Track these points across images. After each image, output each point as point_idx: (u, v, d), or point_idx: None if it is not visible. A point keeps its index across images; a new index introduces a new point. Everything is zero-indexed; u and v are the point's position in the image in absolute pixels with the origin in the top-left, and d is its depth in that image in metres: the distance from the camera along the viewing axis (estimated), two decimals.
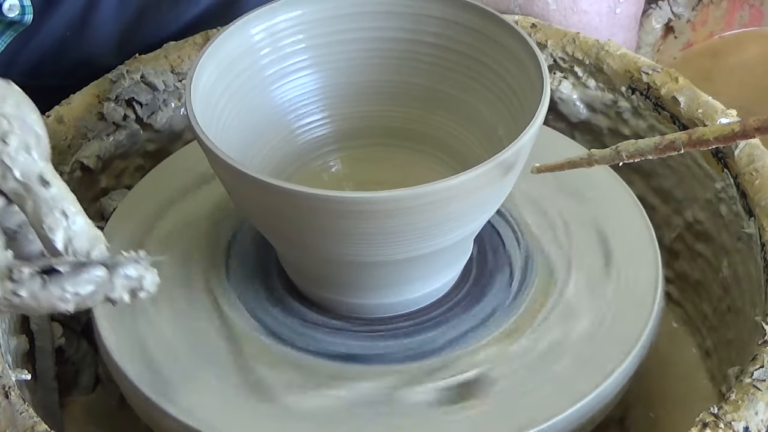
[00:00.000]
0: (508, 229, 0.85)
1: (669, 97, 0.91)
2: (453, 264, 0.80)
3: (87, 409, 0.92)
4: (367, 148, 0.87)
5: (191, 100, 0.74)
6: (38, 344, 0.87)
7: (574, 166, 0.69)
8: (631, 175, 0.95)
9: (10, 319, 0.83)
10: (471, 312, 0.79)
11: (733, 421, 0.66)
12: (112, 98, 0.95)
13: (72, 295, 0.63)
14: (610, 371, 0.73)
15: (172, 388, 0.74)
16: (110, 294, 0.64)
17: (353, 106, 0.86)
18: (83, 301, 0.63)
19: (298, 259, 0.78)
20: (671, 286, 0.97)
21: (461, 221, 0.71)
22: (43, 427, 0.68)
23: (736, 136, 0.59)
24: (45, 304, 0.63)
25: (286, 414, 0.72)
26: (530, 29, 0.98)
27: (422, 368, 0.75)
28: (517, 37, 0.78)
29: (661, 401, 0.90)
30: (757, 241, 0.81)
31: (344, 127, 0.87)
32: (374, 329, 0.78)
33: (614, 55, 0.95)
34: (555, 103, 0.99)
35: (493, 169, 0.68)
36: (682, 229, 0.95)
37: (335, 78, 0.86)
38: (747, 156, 0.85)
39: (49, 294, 0.63)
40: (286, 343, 0.77)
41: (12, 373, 0.73)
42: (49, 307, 0.63)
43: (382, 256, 0.71)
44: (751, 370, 0.69)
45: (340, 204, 0.67)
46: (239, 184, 0.71)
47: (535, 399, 0.72)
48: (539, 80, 0.74)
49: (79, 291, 0.63)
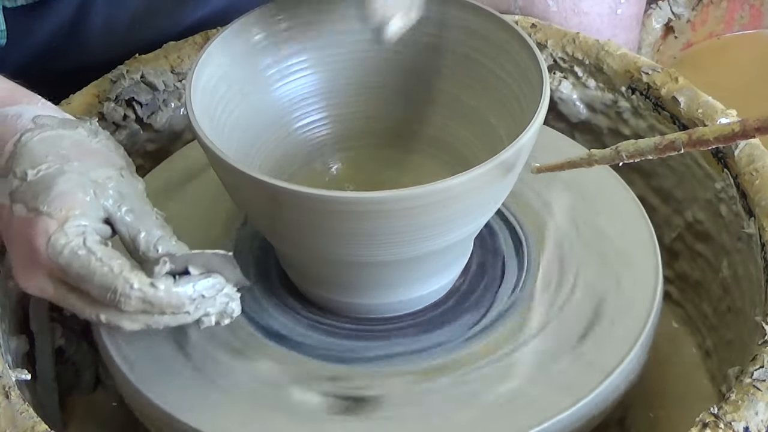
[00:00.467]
0: (509, 229, 0.85)
1: (669, 97, 0.91)
2: (453, 264, 0.80)
3: (87, 409, 0.92)
4: (367, 148, 0.87)
5: (191, 100, 0.74)
6: (38, 344, 0.87)
7: (574, 166, 0.69)
8: (631, 175, 0.95)
9: (10, 319, 0.83)
10: (471, 311, 0.79)
11: (733, 422, 0.66)
12: (112, 98, 0.95)
13: (198, 297, 0.68)
14: (610, 371, 0.73)
15: (172, 388, 0.74)
16: (209, 309, 0.69)
17: (353, 107, 0.86)
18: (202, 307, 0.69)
19: (298, 259, 0.78)
20: (671, 286, 0.97)
21: (461, 221, 0.71)
22: (43, 427, 0.68)
23: (736, 136, 0.59)
24: (175, 301, 0.67)
25: (287, 414, 0.72)
26: (530, 29, 0.98)
27: (422, 368, 0.75)
28: (517, 37, 0.78)
29: (661, 401, 0.90)
30: (757, 241, 0.81)
31: (344, 127, 0.87)
32: (374, 329, 0.78)
33: (614, 55, 0.95)
34: (555, 103, 0.99)
35: (493, 169, 0.68)
36: (682, 229, 0.95)
37: (335, 78, 0.86)
38: (747, 156, 0.85)
39: (181, 293, 0.68)
40: (286, 344, 0.77)
41: (12, 373, 0.72)
42: (177, 304, 0.68)
43: (382, 256, 0.71)
44: (751, 370, 0.69)
45: (340, 204, 0.67)
46: (239, 184, 0.71)
47: (535, 399, 0.72)
48: (539, 80, 0.74)
49: (204, 294, 0.68)
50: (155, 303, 0.67)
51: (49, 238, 0.68)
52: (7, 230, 0.72)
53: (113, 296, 0.67)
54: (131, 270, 0.67)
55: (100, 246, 0.68)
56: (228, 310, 0.70)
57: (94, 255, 0.67)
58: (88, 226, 0.69)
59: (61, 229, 0.68)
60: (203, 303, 0.69)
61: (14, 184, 0.71)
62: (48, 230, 0.68)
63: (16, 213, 0.70)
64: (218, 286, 0.69)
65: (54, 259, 0.68)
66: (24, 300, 0.86)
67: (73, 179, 0.70)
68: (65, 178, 0.70)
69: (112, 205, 0.70)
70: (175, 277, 0.68)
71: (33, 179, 0.70)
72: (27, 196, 0.70)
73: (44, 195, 0.69)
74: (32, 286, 0.71)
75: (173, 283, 0.67)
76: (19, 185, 0.70)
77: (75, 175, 0.70)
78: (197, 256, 0.68)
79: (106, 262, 0.67)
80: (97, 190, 0.70)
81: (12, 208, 0.70)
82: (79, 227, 0.68)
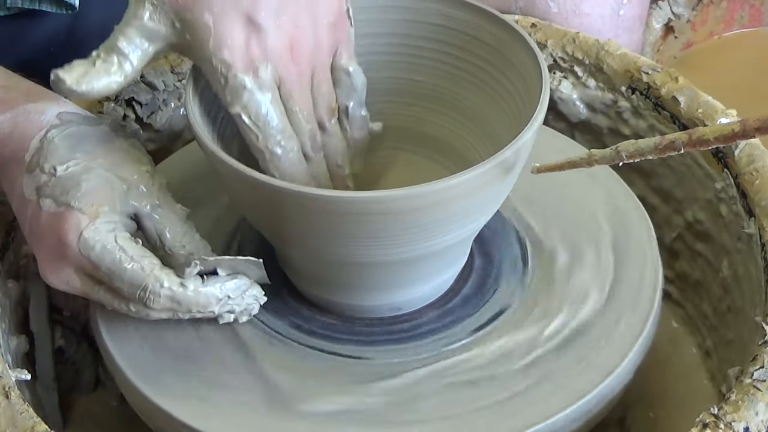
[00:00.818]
0: (508, 229, 0.85)
1: (669, 97, 0.91)
2: (453, 264, 0.80)
3: (87, 409, 0.92)
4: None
5: (191, 99, 0.74)
6: (38, 344, 0.87)
7: (574, 166, 0.69)
8: (631, 175, 0.95)
9: (10, 319, 0.83)
10: (469, 312, 0.79)
11: (733, 422, 0.66)
12: (112, 98, 0.95)
13: (224, 297, 0.71)
14: (610, 371, 0.73)
15: (172, 388, 0.74)
16: (235, 307, 0.73)
17: None
18: (227, 306, 0.72)
19: (298, 259, 0.78)
20: (671, 286, 0.97)
21: (461, 221, 0.71)
22: (43, 427, 0.68)
23: (736, 136, 0.58)
24: (203, 301, 0.70)
25: (287, 415, 0.72)
26: (530, 29, 0.98)
27: (423, 368, 0.75)
28: (517, 36, 0.78)
29: (661, 401, 0.90)
30: (757, 241, 0.81)
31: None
32: (374, 329, 0.78)
33: (614, 55, 0.95)
34: (555, 103, 0.99)
35: (493, 169, 0.68)
36: (682, 229, 0.95)
37: None
38: (747, 156, 0.85)
39: (209, 293, 0.71)
40: (287, 344, 0.77)
41: (12, 373, 0.73)
42: (204, 304, 0.71)
43: (381, 256, 0.71)
44: (751, 371, 0.69)
45: (340, 204, 0.67)
46: (239, 184, 0.71)
47: (535, 399, 0.72)
48: (539, 80, 0.74)
49: (230, 295, 0.72)
50: (183, 302, 0.70)
51: (80, 233, 0.70)
52: (33, 225, 0.73)
53: (143, 293, 0.70)
54: (161, 269, 0.70)
55: (131, 243, 0.70)
56: (249, 308, 0.74)
57: (124, 252, 0.70)
58: (118, 223, 0.71)
59: (93, 224, 0.70)
60: (229, 302, 0.72)
61: (42, 179, 0.72)
62: (80, 225, 0.70)
63: (45, 208, 0.71)
64: (243, 287, 0.73)
65: (85, 255, 0.70)
66: (24, 300, 0.86)
67: (102, 175, 0.72)
68: (94, 174, 0.72)
69: (138, 201, 0.73)
70: (203, 277, 0.70)
71: (62, 174, 0.72)
72: (56, 191, 0.71)
73: (75, 190, 0.71)
74: (59, 280, 0.73)
75: (202, 284, 0.70)
76: (48, 180, 0.72)
77: (102, 171, 0.72)
78: (227, 261, 0.71)
79: (137, 260, 0.69)
80: (124, 187, 0.72)
81: (40, 202, 0.72)
82: (109, 223, 0.70)
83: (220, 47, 0.70)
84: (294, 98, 0.73)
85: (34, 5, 0.91)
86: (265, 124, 0.72)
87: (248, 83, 0.71)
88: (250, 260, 0.72)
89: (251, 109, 0.71)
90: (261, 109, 0.72)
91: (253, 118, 0.72)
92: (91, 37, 0.99)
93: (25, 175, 0.73)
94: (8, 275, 0.84)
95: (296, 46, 0.73)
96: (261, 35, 0.71)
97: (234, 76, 0.70)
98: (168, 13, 0.70)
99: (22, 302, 0.86)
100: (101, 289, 0.72)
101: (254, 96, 0.71)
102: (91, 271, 0.71)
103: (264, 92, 0.72)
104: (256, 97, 0.71)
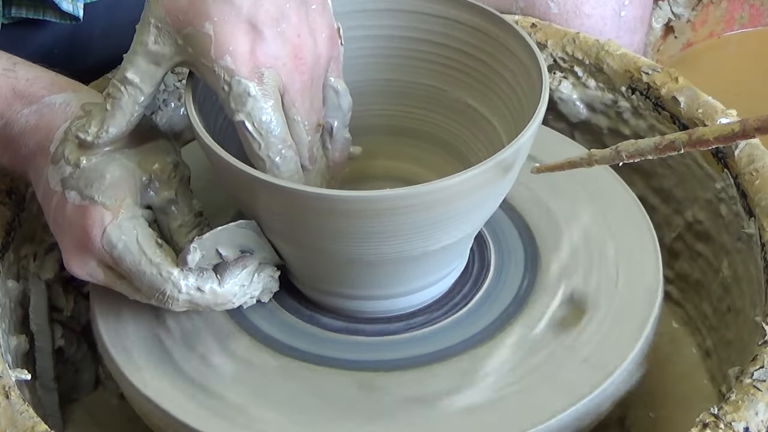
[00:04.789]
0: (508, 228, 0.85)
1: (669, 97, 0.91)
2: (452, 264, 0.80)
3: (87, 409, 0.92)
4: (368, 146, 0.87)
5: (191, 99, 0.74)
6: (38, 344, 0.87)
7: (574, 166, 0.69)
8: (631, 175, 0.95)
9: (10, 319, 0.83)
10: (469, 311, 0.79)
11: (734, 422, 0.66)
12: None
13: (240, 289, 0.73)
14: (610, 371, 0.73)
15: (173, 387, 0.74)
16: (254, 292, 0.75)
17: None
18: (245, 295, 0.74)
19: (299, 259, 0.78)
20: (671, 286, 0.97)
21: (461, 220, 0.71)
22: (43, 427, 0.68)
23: (736, 136, 0.59)
24: (221, 300, 0.72)
25: (287, 415, 0.72)
26: (530, 29, 0.98)
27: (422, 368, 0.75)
28: (517, 36, 0.78)
29: (661, 401, 0.90)
30: (757, 241, 0.81)
31: None
32: (373, 330, 0.78)
33: (614, 55, 0.95)
34: (555, 103, 0.99)
35: (492, 168, 0.68)
36: (682, 229, 0.95)
37: None
38: (747, 156, 0.85)
39: (226, 293, 0.72)
40: (286, 344, 0.77)
41: (12, 373, 0.73)
42: (223, 302, 0.73)
43: (381, 254, 0.71)
44: (751, 371, 0.69)
45: (341, 203, 0.67)
46: (240, 183, 0.71)
47: (535, 399, 0.72)
48: (539, 80, 0.74)
49: (245, 284, 0.73)
50: (202, 304, 0.72)
51: (104, 229, 0.71)
52: (57, 216, 0.74)
53: (161, 297, 0.71)
54: (179, 274, 0.71)
55: (151, 243, 0.72)
56: (268, 287, 0.76)
57: (144, 255, 0.71)
58: (140, 218, 0.72)
59: (116, 221, 0.71)
60: (246, 291, 0.74)
61: (67, 170, 0.73)
62: (104, 221, 0.71)
63: (70, 200, 0.72)
64: (254, 271, 0.74)
65: (108, 251, 0.71)
66: (24, 300, 0.86)
67: (125, 165, 0.73)
68: (117, 164, 0.73)
69: (155, 193, 0.74)
70: (218, 276, 0.72)
71: (86, 166, 0.72)
72: (81, 183, 0.72)
73: (99, 183, 0.72)
74: (83, 272, 0.74)
75: (218, 285, 0.72)
76: (73, 172, 0.72)
77: (125, 160, 0.73)
78: (222, 233, 0.71)
79: (155, 264, 0.71)
80: (144, 178, 0.73)
81: (65, 194, 0.72)
82: (132, 219, 0.71)
83: (222, 54, 0.69)
84: (296, 107, 0.73)
85: (38, 16, 0.91)
86: (268, 132, 0.71)
87: (252, 90, 0.70)
88: (242, 224, 0.72)
89: (255, 117, 0.71)
90: (263, 116, 0.71)
91: (257, 125, 0.71)
92: (93, 43, 0.99)
93: (50, 166, 0.74)
94: (8, 275, 0.84)
95: (299, 54, 0.72)
96: (265, 42, 0.70)
97: (238, 81, 0.70)
98: (171, 33, 0.70)
99: (22, 302, 0.86)
100: (123, 282, 0.74)
101: (258, 103, 0.70)
102: (114, 266, 0.73)
103: (267, 99, 0.71)
104: (260, 104, 0.70)
